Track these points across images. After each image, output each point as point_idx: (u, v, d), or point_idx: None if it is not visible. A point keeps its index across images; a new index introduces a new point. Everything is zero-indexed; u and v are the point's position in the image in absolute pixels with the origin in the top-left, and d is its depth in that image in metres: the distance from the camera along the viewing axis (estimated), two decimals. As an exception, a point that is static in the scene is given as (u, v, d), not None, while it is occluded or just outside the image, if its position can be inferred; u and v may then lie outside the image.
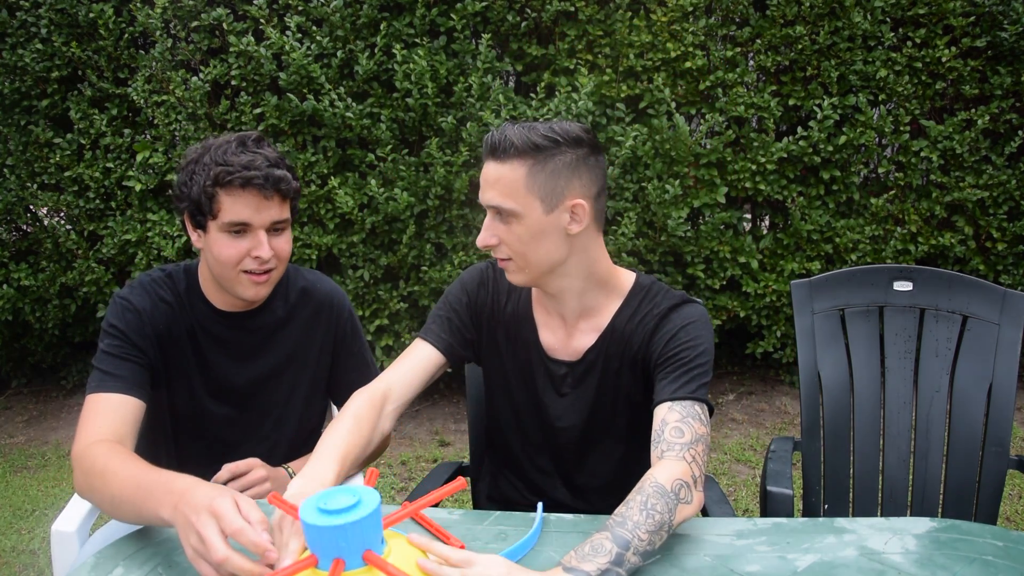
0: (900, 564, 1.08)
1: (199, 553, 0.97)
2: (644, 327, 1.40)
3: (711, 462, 3.21)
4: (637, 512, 1.11)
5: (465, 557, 1.02)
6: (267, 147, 1.42)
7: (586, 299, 1.42)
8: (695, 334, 1.36)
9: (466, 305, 1.50)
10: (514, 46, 3.32)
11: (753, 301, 3.54)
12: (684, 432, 1.24)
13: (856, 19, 3.29)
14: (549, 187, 1.29)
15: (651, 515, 1.11)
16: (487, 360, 1.53)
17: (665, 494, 1.14)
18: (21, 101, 3.41)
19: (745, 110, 3.34)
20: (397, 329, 3.44)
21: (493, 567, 1.02)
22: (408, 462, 3.25)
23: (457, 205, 3.26)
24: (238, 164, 1.36)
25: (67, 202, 3.42)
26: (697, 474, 1.21)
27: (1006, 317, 1.71)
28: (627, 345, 1.41)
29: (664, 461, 1.20)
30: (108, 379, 1.38)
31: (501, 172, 1.29)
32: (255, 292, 1.45)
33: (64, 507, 1.60)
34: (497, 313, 1.50)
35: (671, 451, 1.22)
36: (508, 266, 1.36)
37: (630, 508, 1.11)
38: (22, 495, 3.04)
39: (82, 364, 3.98)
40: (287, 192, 1.41)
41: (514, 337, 1.49)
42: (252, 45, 3.12)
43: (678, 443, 1.23)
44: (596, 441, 1.49)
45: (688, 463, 1.21)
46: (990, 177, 3.47)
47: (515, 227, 1.31)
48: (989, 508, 1.70)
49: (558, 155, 1.29)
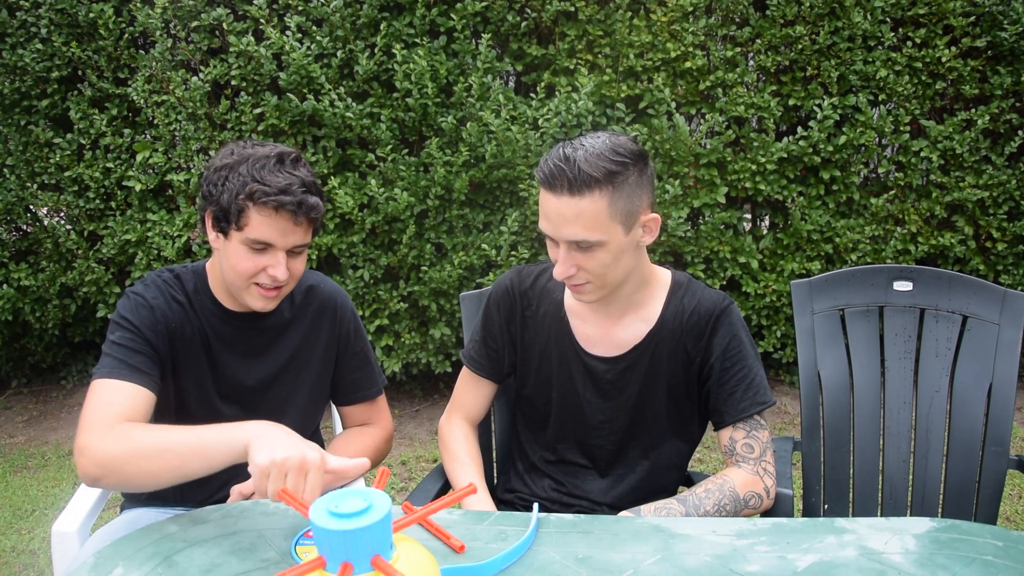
0: (900, 564, 1.08)
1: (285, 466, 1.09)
2: (697, 324, 1.46)
3: (711, 461, 3.21)
4: (711, 505, 1.34)
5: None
6: (303, 168, 1.41)
7: (635, 296, 1.46)
8: (746, 340, 1.48)
9: (499, 327, 1.55)
10: (514, 46, 3.32)
11: (753, 301, 3.54)
12: (754, 448, 1.44)
13: (856, 19, 3.29)
14: (627, 209, 1.31)
15: (720, 511, 1.34)
16: (521, 365, 1.56)
17: (737, 500, 1.37)
18: (21, 101, 3.41)
19: (745, 110, 3.34)
20: (397, 329, 3.44)
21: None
22: (408, 462, 3.25)
23: (457, 205, 3.26)
24: (275, 185, 1.34)
25: (67, 202, 3.42)
26: (768, 484, 1.43)
27: (1006, 317, 1.71)
28: (677, 338, 1.46)
29: (741, 471, 1.42)
30: (122, 368, 1.36)
31: (581, 207, 1.28)
32: (263, 305, 1.45)
33: (64, 507, 1.60)
34: (530, 319, 1.52)
35: (746, 464, 1.43)
36: (584, 288, 1.38)
37: (707, 499, 1.34)
38: (22, 495, 3.04)
39: (82, 364, 3.98)
40: (316, 219, 1.41)
41: (548, 337, 1.51)
42: (252, 45, 3.12)
43: (751, 458, 1.44)
44: (635, 435, 1.52)
45: (760, 476, 1.42)
46: (990, 177, 3.47)
47: (598, 254, 1.32)
48: (989, 508, 1.70)
49: (629, 175, 1.30)
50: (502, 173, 3.22)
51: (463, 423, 1.61)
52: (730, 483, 1.38)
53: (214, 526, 1.18)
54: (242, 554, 1.10)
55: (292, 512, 1.21)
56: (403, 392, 3.83)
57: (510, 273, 1.56)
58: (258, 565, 1.08)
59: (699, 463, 3.23)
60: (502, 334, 1.54)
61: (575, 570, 1.07)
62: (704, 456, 3.29)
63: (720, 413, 1.47)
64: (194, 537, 1.14)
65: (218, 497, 1.49)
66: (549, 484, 1.57)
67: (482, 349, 1.57)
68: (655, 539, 1.15)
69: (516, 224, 3.22)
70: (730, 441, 1.45)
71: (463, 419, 1.62)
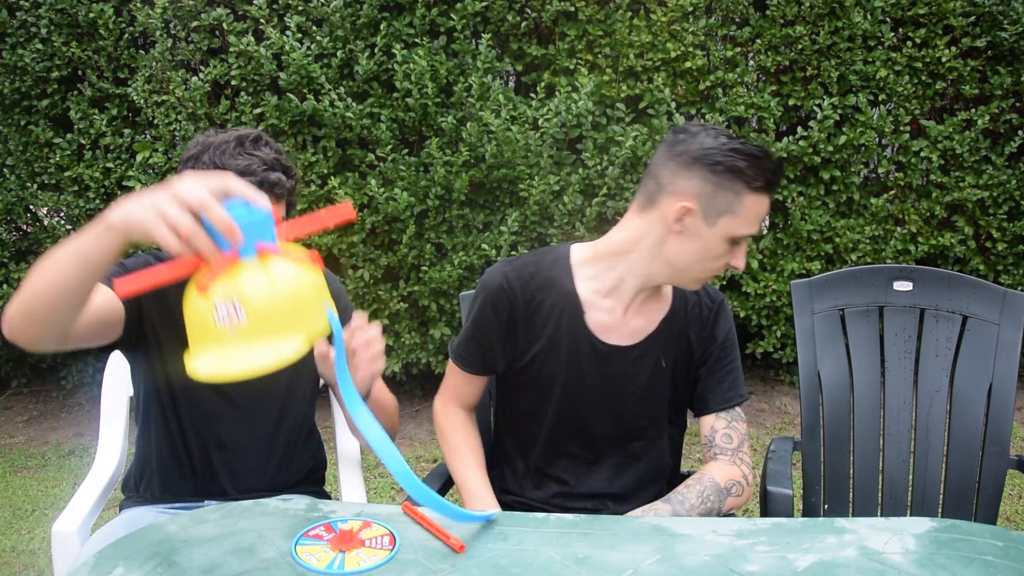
0: (900, 564, 1.08)
1: (171, 213, 0.95)
2: (701, 314, 1.52)
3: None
4: (695, 497, 1.39)
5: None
6: (264, 147, 1.43)
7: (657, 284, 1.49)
8: (733, 331, 1.54)
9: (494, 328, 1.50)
10: (514, 46, 3.32)
11: (753, 301, 3.54)
12: (732, 438, 1.50)
13: (856, 19, 3.29)
14: None
15: (705, 502, 1.39)
16: (520, 359, 1.52)
17: (719, 490, 1.42)
18: (21, 101, 3.41)
19: (745, 110, 3.34)
20: (397, 329, 3.44)
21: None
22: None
23: (457, 205, 3.26)
24: (235, 168, 1.36)
25: (67, 202, 3.42)
26: (747, 472, 1.47)
27: (1006, 317, 1.71)
28: (683, 326, 1.51)
29: (719, 463, 1.47)
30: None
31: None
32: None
33: (64, 507, 1.60)
34: (534, 312, 1.48)
35: (724, 455, 1.48)
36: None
37: (690, 491, 1.40)
38: (22, 495, 3.04)
39: (82, 364, 3.98)
40: (281, 194, 1.42)
41: (557, 328, 1.48)
42: (252, 45, 3.12)
43: (729, 448, 1.49)
44: (638, 422, 1.53)
45: (739, 466, 1.47)
46: (990, 177, 3.47)
47: None
48: (989, 508, 1.71)
49: None
50: (502, 173, 3.22)
51: (459, 411, 1.60)
52: (709, 475, 1.44)
53: (214, 526, 1.18)
54: (242, 554, 1.10)
55: (292, 512, 1.21)
56: (403, 392, 3.83)
57: (501, 269, 1.49)
58: (258, 565, 1.08)
59: (700, 463, 3.24)
60: (498, 334, 1.50)
61: (575, 570, 1.07)
62: (704, 456, 3.29)
63: (705, 400, 1.52)
64: (194, 537, 1.14)
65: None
66: (552, 485, 1.55)
67: (472, 347, 1.53)
68: (655, 539, 1.15)
69: (516, 224, 3.22)
70: (711, 431, 1.51)
71: (459, 406, 1.60)
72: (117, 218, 1.00)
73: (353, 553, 1.10)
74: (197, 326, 0.99)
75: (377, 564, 1.08)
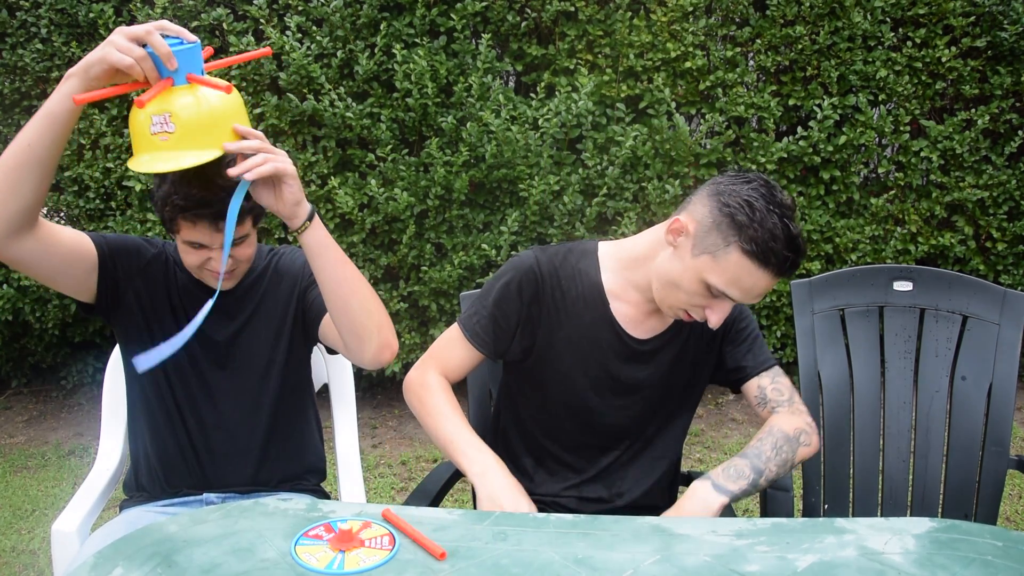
0: (900, 564, 1.08)
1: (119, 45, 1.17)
2: None
3: (711, 462, 3.21)
4: (769, 449, 1.40)
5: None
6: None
7: None
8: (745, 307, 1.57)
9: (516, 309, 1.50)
10: (514, 46, 3.32)
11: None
12: (783, 391, 1.51)
13: (856, 19, 3.29)
14: None
15: (779, 453, 1.40)
16: (541, 345, 1.52)
17: (789, 439, 1.43)
18: (21, 101, 3.41)
19: (745, 110, 3.34)
20: (397, 329, 3.43)
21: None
22: (408, 462, 3.25)
23: (457, 205, 3.26)
24: (192, 200, 1.39)
25: (67, 202, 3.42)
26: (809, 420, 1.48)
27: (1006, 317, 1.71)
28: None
29: (781, 415, 1.47)
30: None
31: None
32: (222, 286, 1.49)
33: (64, 507, 1.60)
34: (560, 300, 1.50)
35: (782, 407, 1.50)
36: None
37: (764, 444, 1.40)
38: (22, 495, 3.04)
39: (82, 364, 3.98)
40: (243, 215, 1.43)
41: (582, 318, 1.50)
42: (252, 45, 3.12)
43: (783, 400, 1.50)
44: (656, 412, 1.55)
45: (799, 415, 1.48)
46: (990, 177, 3.47)
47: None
48: (989, 508, 1.71)
49: None
50: (502, 173, 3.22)
51: (439, 377, 1.54)
52: (776, 426, 1.44)
53: (214, 526, 1.18)
54: (242, 554, 1.10)
55: (292, 512, 1.21)
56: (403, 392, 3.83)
57: (533, 253, 1.51)
58: (258, 565, 1.08)
59: (700, 463, 3.24)
60: (517, 316, 1.49)
61: (574, 570, 1.07)
62: (704, 456, 3.29)
63: (742, 368, 1.54)
64: (194, 537, 1.14)
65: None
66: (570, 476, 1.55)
67: (489, 326, 1.50)
68: (655, 539, 1.15)
69: (516, 224, 3.22)
70: (759, 390, 1.52)
71: (439, 372, 1.55)
72: (76, 67, 1.20)
73: (353, 553, 1.10)
74: (137, 134, 1.22)
75: (377, 564, 1.08)
